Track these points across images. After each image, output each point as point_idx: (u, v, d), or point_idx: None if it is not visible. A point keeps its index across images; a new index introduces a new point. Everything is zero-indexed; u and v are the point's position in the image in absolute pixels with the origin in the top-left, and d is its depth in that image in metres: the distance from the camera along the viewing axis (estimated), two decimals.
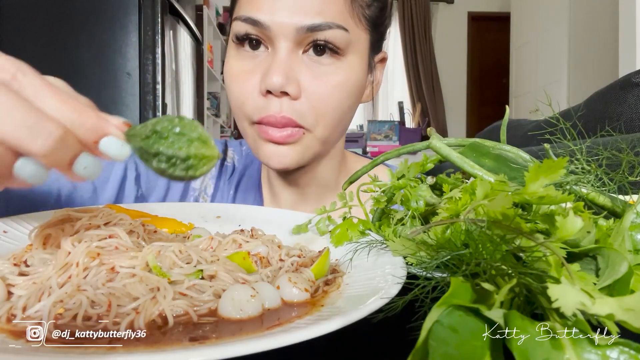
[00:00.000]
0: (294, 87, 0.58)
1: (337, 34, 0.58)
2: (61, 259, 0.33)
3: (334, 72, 0.60)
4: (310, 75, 0.59)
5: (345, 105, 0.62)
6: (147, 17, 2.02)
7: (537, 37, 4.13)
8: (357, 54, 0.62)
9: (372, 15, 0.63)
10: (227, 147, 0.81)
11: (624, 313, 0.21)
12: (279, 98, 0.58)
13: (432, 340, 0.20)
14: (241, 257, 0.38)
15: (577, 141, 0.42)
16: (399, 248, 0.36)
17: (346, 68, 0.61)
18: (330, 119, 0.61)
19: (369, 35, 0.64)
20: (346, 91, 0.61)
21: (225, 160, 0.80)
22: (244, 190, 0.77)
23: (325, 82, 0.59)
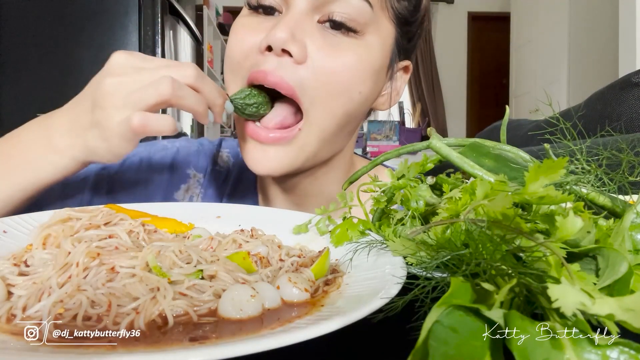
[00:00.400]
0: (298, 48, 0.51)
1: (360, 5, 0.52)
2: (61, 259, 0.33)
3: (348, 46, 0.53)
4: (321, 42, 0.52)
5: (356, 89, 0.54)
6: (147, 17, 2.02)
7: (537, 37, 4.13)
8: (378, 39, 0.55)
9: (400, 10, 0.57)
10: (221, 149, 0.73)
11: (624, 313, 0.21)
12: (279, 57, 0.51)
13: (432, 340, 0.20)
14: (241, 257, 0.38)
15: (577, 141, 0.42)
16: (399, 248, 0.36)
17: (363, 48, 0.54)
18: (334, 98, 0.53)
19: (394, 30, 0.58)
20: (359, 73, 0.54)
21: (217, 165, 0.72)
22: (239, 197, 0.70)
23: (336, 55, 0.52)
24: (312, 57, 0.52)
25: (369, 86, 0.56)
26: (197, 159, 0.71)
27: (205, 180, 0.71)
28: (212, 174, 0.71)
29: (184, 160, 0.71)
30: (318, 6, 0.52)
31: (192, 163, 0.71)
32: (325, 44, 0.52)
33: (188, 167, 0.70)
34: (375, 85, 0.58)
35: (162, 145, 0.72)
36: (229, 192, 0.71)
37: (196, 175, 0.70)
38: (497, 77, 5.67)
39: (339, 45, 0.53)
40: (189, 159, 0.71)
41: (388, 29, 0.57)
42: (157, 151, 0.70)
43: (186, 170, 0.70)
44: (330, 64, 0.52)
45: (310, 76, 0.52)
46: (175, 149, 0.71)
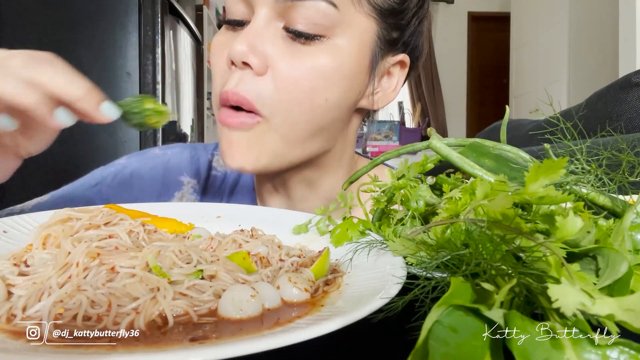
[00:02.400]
0: (258, 59, 0.50)
1: (322, 7, 0.50)
2: (61, 259, 0.33)
3: (313, 52, 0.51)
4: (283, 50, 0.51)
5: (321, 96, 0.52)
6: (147, 17, 2.02)
7: (537, 37, 4.13)
8: (350, 40, 0.53)
9: (381, 3, 0.55)
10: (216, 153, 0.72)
11: (624, 313, 0.21)
12: (242, 71, 0.51)
13: (432, 340, 0.20)
14: (241, 257, 0.38)
15: (577, 141, 0.42)
16: (399, 248, 0.36)
17: (329, 51, 0.52)
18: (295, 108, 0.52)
19: (375, 24, 0.55)
20: (325, 79, 0.52)
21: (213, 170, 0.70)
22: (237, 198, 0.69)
23: (299, 62, 0.51)
24: (274, 67, 0.51)
25: (338, 91, 0.54)
26: (190, 166, 0.70)
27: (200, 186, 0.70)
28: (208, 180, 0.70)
29: (176, 168, 0.69)
30: (280, 13, 0.51)
31: (185, 170, 0.70)
32: (286, 52, 0.51)
33: (181, 175, 0.69)
34: (349, 89, 0.55)
35: (153, 154, 0.71)
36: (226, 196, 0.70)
37: (190, 182, 0.69)
38: (497, 77, 5.67)
39: (301, 53, 0.51)
40: (181, 166, 0.70)
41: (364, 26, 0.54)
42: (148, 160, 0.70)
43: (179, 178, 0.69)
44: (290, 73, 0.51)
45: (271, 87, 0.51)
46: (167, 157, 0.70)
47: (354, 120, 0.63)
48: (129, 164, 0.70)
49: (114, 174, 0.69)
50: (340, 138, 0.61)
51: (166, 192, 0.68)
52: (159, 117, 0.46)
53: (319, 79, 0.52)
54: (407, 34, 0.59)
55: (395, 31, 0.57)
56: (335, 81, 0.53)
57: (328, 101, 0.53)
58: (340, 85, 0.53)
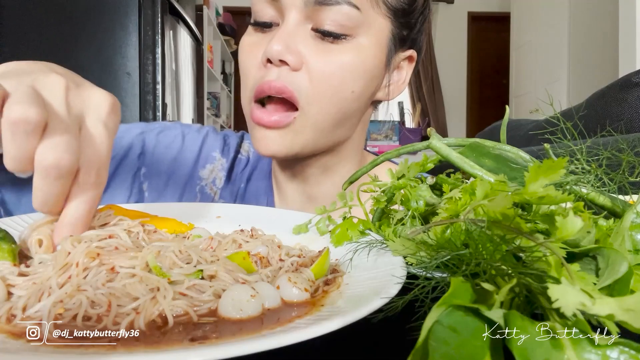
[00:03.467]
0: (294, 57, 0.56)
1: (346, 11, 0.56)
2: (61, 259, 0.33)
3: (340, 50, 0.58)
4: (314, 49, 0.57)
5: (348, 89, 0.59)
6: (147, 17, 2.02)
7: (537, 37, 4.13)
8: (371, 38, 0.59)
9: (395, 4, 0.61)
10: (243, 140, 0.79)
11: (624, 313, 0.21)
12: (278, 67, 0.57)
13: (432, 340, 0.20)
14: (241, 257, 0.38)
15: (577, 141, 0.42)
16: (399, 248, 0.36)
17: (354, 49, 0.58)
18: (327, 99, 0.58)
19: (390, 23, 0.61)
20: (351, 73, 0.58)
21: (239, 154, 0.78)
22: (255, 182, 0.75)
23: (329, 59, 0.57)
24: (307, 63, 0.57)
25: (362, 84, 0.60)
26: (223, 146, 0.77)
27: (228, 165, 0.76)
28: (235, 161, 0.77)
29: (212, 143, 0.76)
30: (309, 16, 0.57)
31: (218, 147, 0.76)
32: (318, 50, 0.57)
33: (214, 151, 0.76)
34: (370, 82, 0.62)
35: (196, 127, 0.78)
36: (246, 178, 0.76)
37: (220, 160, 0.76)
38: (497, 77, 5.67)
39: (331, 51, 0.58)
40: (215, 143, 0.76)
41: (381, 25, 0.60)
42: (191, 131, 0.76)
43: (212, 153, 0.75)
44: (323, 68, 0.57)
45: (305, 79, 0.57)
46: (205, 132, 0.77)
47: (368, 111, 0.69)
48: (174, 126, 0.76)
49: (159, 130, 0.74)
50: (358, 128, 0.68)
51: (200, 161, 0.74)
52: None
53: (346, 74, 0.58)
54: (414, 31, 0.66)
55: (405, 29, 0.64)
56: (360, 75, 0.59)
57: (354, 93, 0.60)
58: (363, 79, 0.60)
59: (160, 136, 0.72)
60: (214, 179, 0.74)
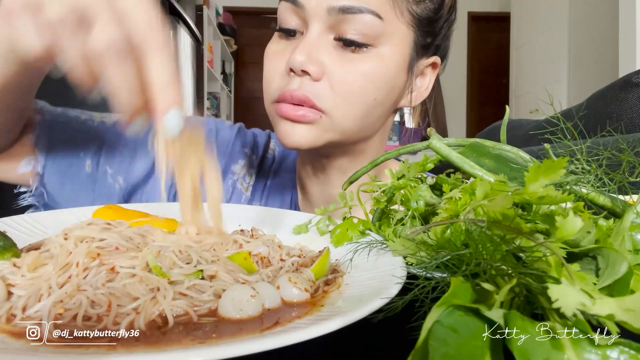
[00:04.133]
0: (316, 67, 0.57)
1: (369, 20, 0.57)
2: (61, 259, 0.33)
3: (361, 59, 0.59)
4: (336, 59, 0.58)
5: (371, 97, 0.60)
6: None
7: (537, 37, 4.13)
8: (392, 47, 0.60)
9: (420, 13, 0.61)
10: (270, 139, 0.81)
11: (624, 313, 0.21)
12: (300, 77, 0.58)
13: (432, 340, 0.20)
14: (242, 258, 0.38)
15: (578, 141, 0.42)
16: (399, 248, 0.36)
17: (376, 58, 0.59)
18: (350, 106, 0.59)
19: (413, 32, 0.62)
20: (373, 82, 0.59)
21: (267, 152, 0.80)
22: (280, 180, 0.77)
23: (351, 68, 0.58)
24: (329, 73, 0.58)
25: (384, 92, 0.61)
26: (253, 143, 0.79)
27: (257, 162, 0.78)
28: (263, 159, 0.79)
29: (244, 140, 0.78)
30: (332, 26, 0.58)
31: (249, 144, 0.78)
32: (339, 60, 0.58)
33: (246, 147, 0.78)
34: (392, 90, 0.63)
35: (229, 123, 0.80)
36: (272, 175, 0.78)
37: (251, 156, 0.78)
38: (497, 77, 5.67)
39: (352, 60, 0.59)
40: (247, 140, 0.79)
41: (404, 34, 0.61)
42: (224, 126, 0.78)
43: (244, 149, 0.78)
44: (344, 77, 0.58)
45: (326, 89, 0.58)
46: (237, 128, 0.79)
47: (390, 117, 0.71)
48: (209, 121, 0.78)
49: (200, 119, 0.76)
50: (380, 132, 0.69)
51: (235, 155, 0.76)
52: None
53: (368, 82, 0.59)
54: (438, 38, 0.66)
55: (429, 37, 0.64)
56: (382, 84, 0.60)
57: (376, 100, 0.61)
58: (385, 87, 0.61)
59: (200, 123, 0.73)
60: (244, 175, 0.76)
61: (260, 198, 0.76)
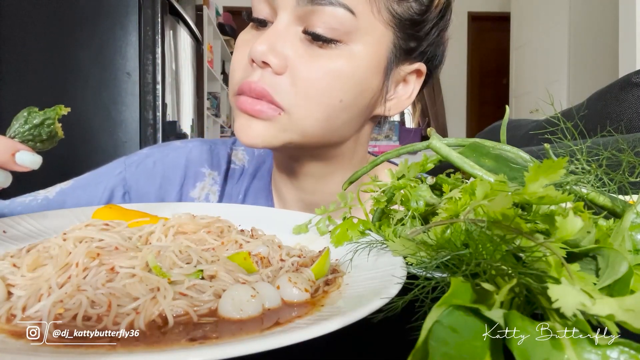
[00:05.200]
0: (277, 60, 0.53)
1: (340, 14, 0.52)
2: (61, 259, 0.33)
3: (330, 56, 0.54)
4: (302, 53, 0.54)
5: (336, 97, 0.55)
6: (147, 17, 2.02)
7: (537, 37, 4.13)
8: (366, 47, 0.55)
9: (401, 13, 0.56)
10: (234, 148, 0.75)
11: (624, 313, 0.21)
12: (262, 69, 0.54)
13: (432, 340, 0.20)
14: (242, 258, 0.38)
15: (578, 141, 0.42)
16: (399, 248, 0.36)
17: (344, 57, 0.54)
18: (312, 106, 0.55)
19: (392, 33, 0.57)
20: (340, 81, 0.54)
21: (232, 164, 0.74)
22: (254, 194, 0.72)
23: (317, 65, 0.54)
24: (292, 67, 0.54)
25: (352, 94, 0.56)
26: (211, 158, 0.73)
27: (221, 177, 0.72)
28: (229, 172, 0.73)
29: (198, 159, 0.72)
30: (300, 17, 0.54)
31: (206, 161, 0.72)
32: (305, 55, 0.54)
33: (202, 166, 0.72)
34: (362, 93, 0.57)
35: (175, 145, 0.74)
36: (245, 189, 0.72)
37: (211, 174, 0.72)
38: (497, 77, 5.67)
39: (319, 56, 0.54)
40: (202, 158, 0.72)
41: (381, 34, 0.56)
42: (170, 151, 0.72)
43: (200, 169, 0.72)
44: (307, 73, 0.54)
45: (287, 84, 0.54)
46: (188, 149, 0.73)
47: (367, 126, 0.66)
48: (152, 153, 0.72)
49: (137, 162, 0.71)
50: (353, 139, 0.64)
51: (188, 181, 0.71)
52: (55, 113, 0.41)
53: (334, 81, 0.54)
54: (424, 44, 0.60)
55: (412, 41, 0.59)
56: (350, 84, 0.55)
57: (342, 102, 0.56)
58: (354, 89, 0.56)
59: (139, 168, 0.70)
60: (207, 195, 0.71)
61: None
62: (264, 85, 0.54)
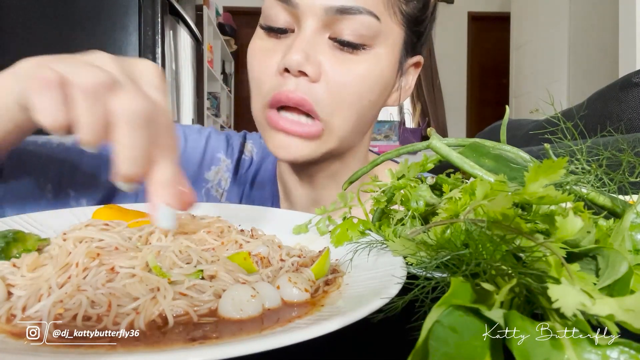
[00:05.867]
0: (313, 68, 0.55)
1: (366, 20, 0.55)
2: (61, 259, 0.33)
3: (358, 60, 0.57)
4: (333, 59, 0.56)
5: (366, 99, 0.59)
6: (147, 17, 2.02)
7: (537, 37, 4.13)
8: (387, 48, 0.59)
9: (409, 12, 0.60)
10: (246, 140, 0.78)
11: (624, 313, 0.21)
12: (297, 77, 0.56)
13: (432, 340, 0.20)
14: (242, 258, 0.38)
15: (578, 141, 0.42)
16: (399, 248, 0.36)
17: (372, 59, 0.58)
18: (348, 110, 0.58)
19: (403, 31, 0.61)
20: (369, 83, 0.58)
21: (243, 154, 0.77)
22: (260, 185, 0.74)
23: (348, 69, 0.56)
24: (326, 74, 0.56)
25: (378, 92, 0.60)
26: (226, 147, 0.75)
27: (233, 166, 0.74)
28: (239, 162, 0.76)
29: (216, 145, 0.74)
30: (327, 24, 0.55)
31: (222, 149, 0.75)
32: (336, 61, 0.56)
33: (218, 152, 0.74)
34: (384, 89, 0.62)
35: (195, 127, 0.76)
36: (252, 177, 0.75)
37: (225, 161, 0.74)
38: (497, 77, 5.67)
39: (349, 61, 0.57)
40: (219, 145, 0.75)
41: (397, 34, 0.60)
42: (192, 131, 0.74)
43: (217, 155, 0.74)
44: (341, 79, 0.56)
45: (324, 91, 0.56)
46: (207, 133, 0.75)
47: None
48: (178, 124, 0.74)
49: None
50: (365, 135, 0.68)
51: (205, 163, 0.73)
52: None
53: (363, 84, 0.58)
54: (423, 38, 0.66)
55: (416, 36, 0.64)
56: (376, 85, 0.59)
57: (370, 102, 0.60)
58: (379, 88, 0.60)
59: None
60: (219, 180, 0.73)
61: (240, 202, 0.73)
62: (303, 95, 0.55)
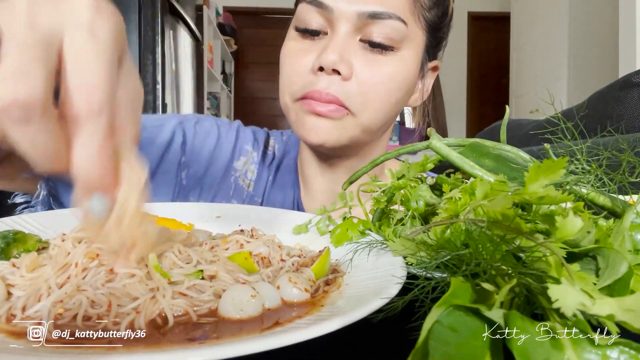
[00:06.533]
0: (346, 67, 0.60)
1: (396, 25, 0.61)
2: (60, 259, 0.33)
3: (387, 62, 0.62)
4: (364, 60, 0.62)
5: (393, 97, 0.64)
6: (147, 17, 2.02)
7: (537, 37, 4.13)
8: (412, 50, 0.64)
9: (431, 19, 0.66)
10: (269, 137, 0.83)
11: (624, 313, 0.21)
12: (329, 76, 0.61)
13: (432, 340, 0.20)
14: (243, 258, 0.38)
15: (578, 141, 0.42)
16: (399, 248, 0.36)
17: (399, 61, 0.63)
18: (377, 107, 0.63)
19: (425, 36, 0.67)
20: (396, 83, 0.63)
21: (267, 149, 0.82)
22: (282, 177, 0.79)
23: (377, 70, 0.62)
24: (357, 73, 0.61)
25: (403, 92, 0.66)
26: (254, 139, 0.80)
27: (259, 158, 0.79)
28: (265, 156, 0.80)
29: (244, 136, 0.79)
30: (359, 28, 0.61)
31: (250, 141, 0.80)
32: (367, 61, 0.62)
33: (247, 144, 0.79)
34: (409, 89, 0.68)
35: (227, 120, 0.81)
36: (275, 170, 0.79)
37: (252, 153, 0.79)
38: (497, 77, 5.66)
39: (378, 62, 0.62)
40: (247, 137, 0.80)
41: (420, 39, 0.66)
42: (224, 123, 0.79)
43: (245, 146, 0.79)
44: (373, 79, 0.62)
45: (355, 89, 0.61)
46: (236, 124, 0.80)
47: None
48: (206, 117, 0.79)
49: (195, 119, 0.76)
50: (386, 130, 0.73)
51: (236, 152, 0.77)
52: None
53: (391, 83, 0.63)
54: (442, 43, 0.72)
55: (435, 41, 0.70)
56: (403, 84, 0.65)
57: (397, 101, 0.66)
58: (404, 87, 0.66)
59: (197, 127, 0.75)
60: (246, 171, 0.77)
61: (262, 194, 0.77)
62: (334, 93, 0.61)
